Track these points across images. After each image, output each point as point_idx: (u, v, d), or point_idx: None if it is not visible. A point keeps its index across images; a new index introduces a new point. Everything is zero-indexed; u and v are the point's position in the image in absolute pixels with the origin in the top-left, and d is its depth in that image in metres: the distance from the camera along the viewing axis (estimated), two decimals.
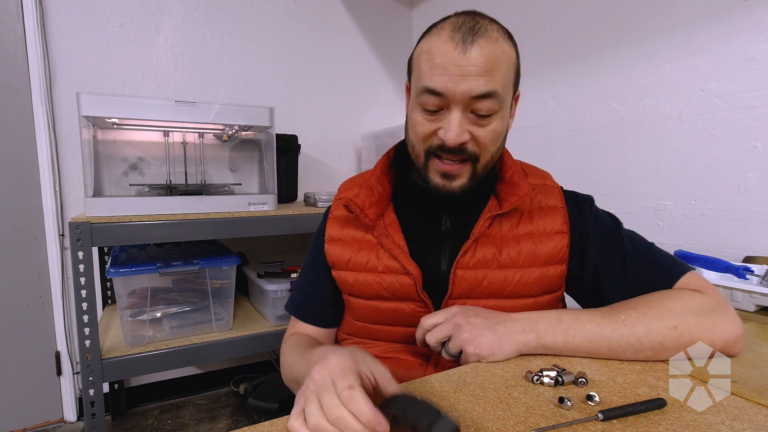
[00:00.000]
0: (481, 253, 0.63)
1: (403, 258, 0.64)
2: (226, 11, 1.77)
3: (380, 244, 0.66)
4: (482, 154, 0.60)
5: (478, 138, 0.58)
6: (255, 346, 1.30)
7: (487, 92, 0.55)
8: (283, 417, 0.44)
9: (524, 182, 0.65)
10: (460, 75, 0.54)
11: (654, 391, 0.47)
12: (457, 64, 0.54)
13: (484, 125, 0.58)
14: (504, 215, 0.65)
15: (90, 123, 1.26)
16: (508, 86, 0.58)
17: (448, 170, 0.60)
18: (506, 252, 0.63)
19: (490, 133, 0.58)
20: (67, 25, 1.51)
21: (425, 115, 0.59)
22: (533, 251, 0.63)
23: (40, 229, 1.53)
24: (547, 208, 0.66)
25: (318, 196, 1.51)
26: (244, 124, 1.37)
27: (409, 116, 0.63)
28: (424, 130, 0.59)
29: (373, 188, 0.69)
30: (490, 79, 0.55)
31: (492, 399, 0.46)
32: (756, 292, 0.74)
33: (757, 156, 0.99)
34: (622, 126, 1.27)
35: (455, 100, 0.56)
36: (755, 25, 0.98)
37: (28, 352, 1.55)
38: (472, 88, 0.54)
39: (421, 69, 0.58)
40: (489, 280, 0.63)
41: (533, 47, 1.51)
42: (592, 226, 0.66)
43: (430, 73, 0.56)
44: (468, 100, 0.55)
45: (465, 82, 0.54)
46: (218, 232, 1.23)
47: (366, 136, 1.98)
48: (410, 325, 0.64)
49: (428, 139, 0.60)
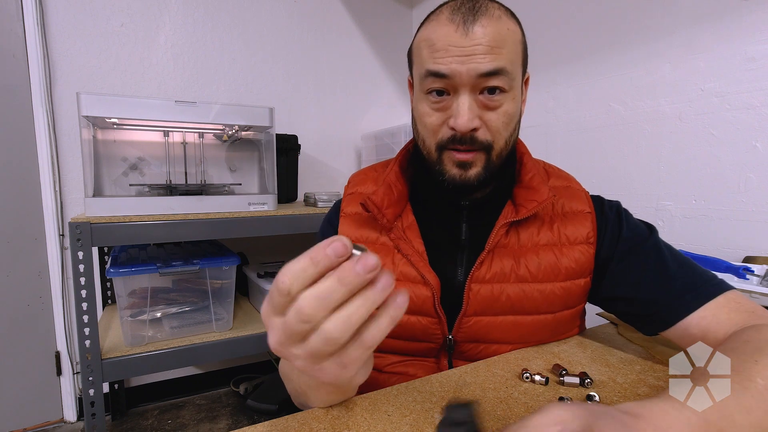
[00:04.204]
0: (498, 265, 0.58)
1: (422, 266, 0.59)
2: (226, 11, 1.77)
3: (397, 248, 0.61)
4: (495, 141, 0.55)
5: (490, 123, 0.54)
6: (255, 346, 1.30)
7: (494, 69, 0.51)
8: (283, 417, 0.44)
9: (544, 187, 0.59)
10: (463, 55, 0.51)
11: (654, 392, 0.47)
12: (459, 45, 0.51)
13: (494, 108, 0.53)
14: (522, 223, 0.60)
15: (90, 123, 1.26)
16: (516, 64, 0.54)
17: (463, 158, 0.55)
18: (525, 264, 0.58)
19: (501, 116, 0.53)
20: (67, 25, 1.51)
21: (432, 104, 0.55)
22: (555, 264, 0.58)
23: (40, 229, 1.53)
24: (572, 213, 0.60)
25: (318, 196, 1.51)
26: (244, 124, 1.37)
27: (415, 109, 0.58)
28: (433, 121, 0.55)
29: (392, 185, 0.63)
30: (497, 56, 0.51)
31: (492, 399, 0.46)
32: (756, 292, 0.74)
33: (757, 156, 0.99)
34: (622, 126, 1.27)
35: (462, 81, 0.51)
36: (755, 25, 0.98)
37: (28, 352, 1.55)
38: (478, 66, 0.50)
39: (422, 56, 0.54)
40: (507, 295, 0.58)
41: (533, 47, 1.51)
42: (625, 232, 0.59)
43: (432, 57, 0.52)
44: (475, 80, 0.51)
45: (470, 61, 0.50)
46: (218, 232, 1.23)
47: (366, 136, 1.98)
48: (420, 340, 0.60)
49: (438, 131, 0.55)
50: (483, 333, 0.59)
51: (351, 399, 0.47)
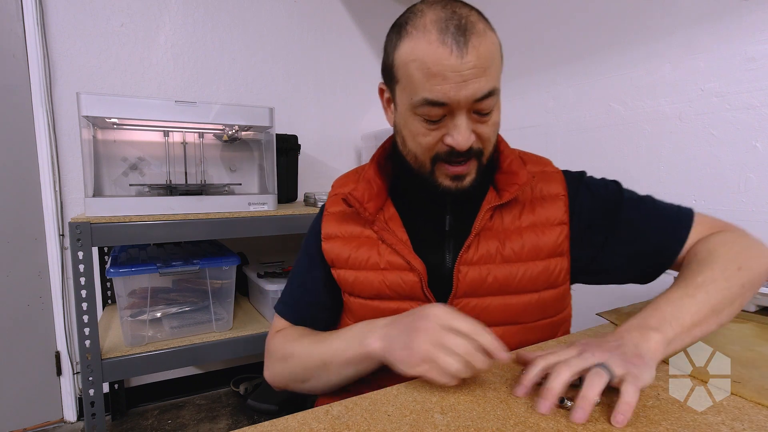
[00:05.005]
0: (485, 247, 0.62)
1: (406, 253, 0.62)
2: (226, 11, 1.77)
3: (381, 239, 0.64)
4: (486, 148, 0.59)
5: (482, 135, 0.57)
6: (255, 346, 1.30)
7: (489, 92, 0.54)
8: (283, 417, 0.44)
9: (523, 170, 0.63)
10: (461, 81, 0.52)
11: (654, 391, 0.47)
12: (456, 71, 0.52)
13: (485, 121, 0.57)
14: (505, 207, 0.64)
15: (90, 123, 1.26)
16: (500, 76, 0.57)
17: (459, 171, 0.58)
18: (509, 246, 0.62)
19: (491, 126, 0.58)
20: (67, 25, 1.51)
21: (427, 125, 0.56)
22: (536, 243, 0.62)
23: (40, 229, 1.53)
24: (549, 196, 0.65)
25: (318, 196, 1.51)
26: (244, 124, 1.37)
27: (405, 126, 0.59)
28: (429, 140, 0.57)
29: (371, 181, 0.66)
30: (489, 78, 0.54)
31: (492, 399, 0.46)
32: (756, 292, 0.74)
33: (757, 156, 0.99)
34: (622, 126, 1.27)
35: (459, 106, 0.54)
36: (755, 25, 0.98)
37: (28, 352, 1.55)
38: (475, 92, 0.53)
39: (414, 79, 0.54)
40: (494, 276, 0.61)
41: (534, 47, 1.51)
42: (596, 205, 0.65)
43: (429, 84, 0.53)
44: (471, 104, 0.54)
45: (466, 87, 0.52)
46: (218, 232, 1.23)
47: (366, 136, 1.98)
48: None
49: (433, 148, 0.58)
50: (473, 316, 0.60)
51: (351, 399, 0.47)
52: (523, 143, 1.58)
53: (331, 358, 0.58)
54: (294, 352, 0.64)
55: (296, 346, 0.64)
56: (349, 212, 0.67)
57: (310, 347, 0.62)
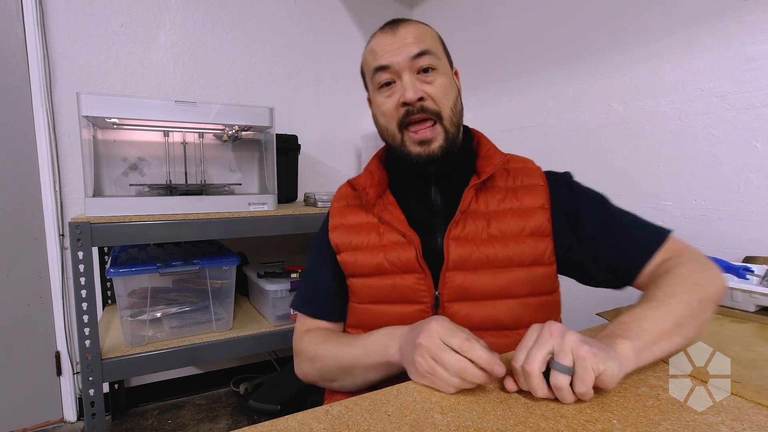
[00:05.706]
0: (471, 225, 0.69)
1: (404, 228, 0.69)
2: (226, 11, 1.77)
3: (380, 220, 0.72)
4: (442, 110, 0.68)
5: (432, 94, 0.67)
6: (255, 346, 1.30)
7: (421, 50, 0.67)
8: (283, 417, 0.44)
9: (498, 154, 0.73)
10: (397, 48, 0.67)
11: (654, 391, 0.47)
12: (391, 42, 0.68)
13: (431, 81, 0.67)
14: (489, 191, 0.71)
15: (90, 123, 1.26)
16: (439, 51, 0.70)
17: (424, 137, 0.68)
18: (495, 225, 0.68)
19: (438, 87, 0.67)
20: (67, 25, 1.51)
21: (384, 94, 0.69)
22: (520, 223, 0.68)
23: (40, 229, 1.53)
24: (530, 186, 0.72)
25: (318, 196, 1.51)
26: (244, 124, 1.37)
27: (374, 106, 0.72)
28: (389, 106, 0.69)
29: (372, 172, 0.76)
30: (421, 42, 0.67)
31: (492, 399, 0.47)
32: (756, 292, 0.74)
33: (757, 156, 0.99)
34: (622, 126, 1.27)
35: (401, 66, 0.67)
36: (755, 25, 0.98)
37: (28, 352, 1.55)
38: (409, 51, 0.66)
39: (369, 63, 0.71)
40: (481, 250, 0.67)
41: (534, 47, 1.51)
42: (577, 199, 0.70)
43: (375, 59, 0.69)
44: (410, 62, 0.67)
45: (401, 50, 0.67)
46: (218, 232, 1.23)
47: (366, 136, 1.98)
48: (410, 302, 0.68)
49: (395, 113, 0.68)
50: (465, 288, 0.67)
51: (351, 399, 0.48)
52: (523, 143, 1.58)
53: (356, 363, 0.63)
54: (319, 354, 0.69)
55: (321, 350, 0.69)
56: (352, 203, 0.77)
57: (335, 350, 0.67)
